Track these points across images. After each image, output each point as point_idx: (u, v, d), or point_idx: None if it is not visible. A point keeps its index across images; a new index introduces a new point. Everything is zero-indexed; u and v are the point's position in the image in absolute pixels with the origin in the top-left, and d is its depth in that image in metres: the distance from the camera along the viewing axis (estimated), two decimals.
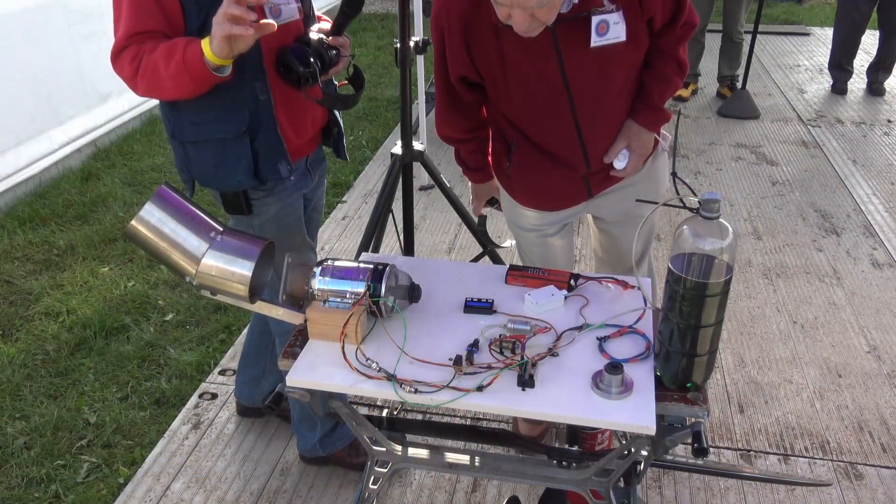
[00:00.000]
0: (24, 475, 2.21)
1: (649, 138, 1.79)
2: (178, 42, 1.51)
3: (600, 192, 1.89)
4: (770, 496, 2.11)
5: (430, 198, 3.90)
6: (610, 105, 1.72)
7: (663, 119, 1.79)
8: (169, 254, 1.42)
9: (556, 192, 1.88)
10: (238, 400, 2.39)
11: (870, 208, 3.79)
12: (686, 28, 1.70)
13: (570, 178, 1.83)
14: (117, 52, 1.56)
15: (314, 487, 2.15)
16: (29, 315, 2.94)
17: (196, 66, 1.49)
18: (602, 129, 1.75)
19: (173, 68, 1.50)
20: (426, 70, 4.29)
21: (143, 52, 1.53)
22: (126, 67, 1.55)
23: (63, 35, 4.11)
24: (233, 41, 1.45)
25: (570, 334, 1.42)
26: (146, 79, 1.54)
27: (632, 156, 1.77)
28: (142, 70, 1.53)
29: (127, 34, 1.54)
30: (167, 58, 1.50)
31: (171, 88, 1.54)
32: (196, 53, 1.48)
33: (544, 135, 1.77)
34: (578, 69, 1.62)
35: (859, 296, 3.05)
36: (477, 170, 1.98)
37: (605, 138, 1.77)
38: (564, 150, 1.77)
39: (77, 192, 3.91)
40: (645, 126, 1.76)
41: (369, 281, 1.41)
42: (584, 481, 1.49)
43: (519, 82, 1.66)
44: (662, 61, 1.73)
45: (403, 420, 1.75)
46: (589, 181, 1.85)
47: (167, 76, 1.51)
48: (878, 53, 5.43)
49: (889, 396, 2.50)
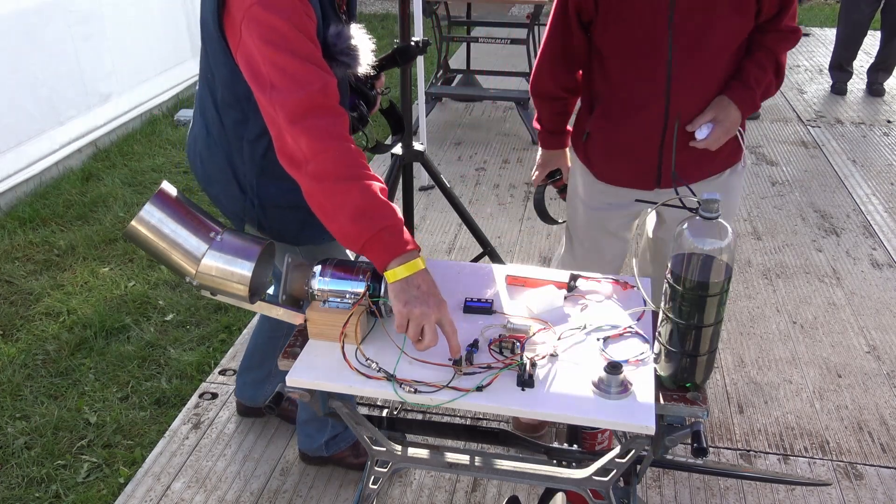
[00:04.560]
0: (25, 475, 2.21)
1: (737, 117, 1.77)
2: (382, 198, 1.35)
3: (669, 185, 1.88)
4: (770, 496, 2.11)
5: (430, 198, 3.91)
6: (704, 64, 1.74)
7: (753, 103, 1.78)
8: (169, 254, 1.42)
9: (630, 159, 1.89)
10: (239, 400, 2.39)
11: (869, 208, 3.79)
12: (790, 33, 1.77)
13: (645, 144, 1.84)
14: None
15: (314, 487, 2.15)
16: (29, 315, 2.94)
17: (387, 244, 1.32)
18: (690, 87, 1.75)
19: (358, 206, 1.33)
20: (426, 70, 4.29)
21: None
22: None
23: (63, 35, 4.11)
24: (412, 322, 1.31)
25: (570, 334, 1.42)
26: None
27: (716, 128, 1.76)
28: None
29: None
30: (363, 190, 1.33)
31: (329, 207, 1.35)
32: (398, 233, 1.33)
33: (633, 81, 1.78)
34: (686, 9, 1.66)
35: (859, 296, 3.05)
36: (554, 133, 2.02)
37: (689, 99, 1.77)
38: (649, 101, 1.78)
39: (77, 193, 3.91)
40: (735, 101, 1.76)
41: (369, 281, 1.41)
42: (584, 481, 1.49)
43: (626, 13, 1.70)
44: (763, 54, 1.77)
45: (403, 420, 1.75)
46: (661, 163, 1.85)
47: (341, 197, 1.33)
48: (879, 54, 5.43)
49: (889, 396, 2.50)
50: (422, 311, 1.29)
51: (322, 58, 1.41)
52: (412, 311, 1.29)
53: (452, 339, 1.32)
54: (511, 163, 4.40)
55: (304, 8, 1.39)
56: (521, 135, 4.77)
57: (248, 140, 1.59)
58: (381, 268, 1.34)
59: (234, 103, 1.55)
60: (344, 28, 1.52)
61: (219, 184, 1.70)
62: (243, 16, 1.35)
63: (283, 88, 1.33)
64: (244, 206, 1.68)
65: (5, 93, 3.74)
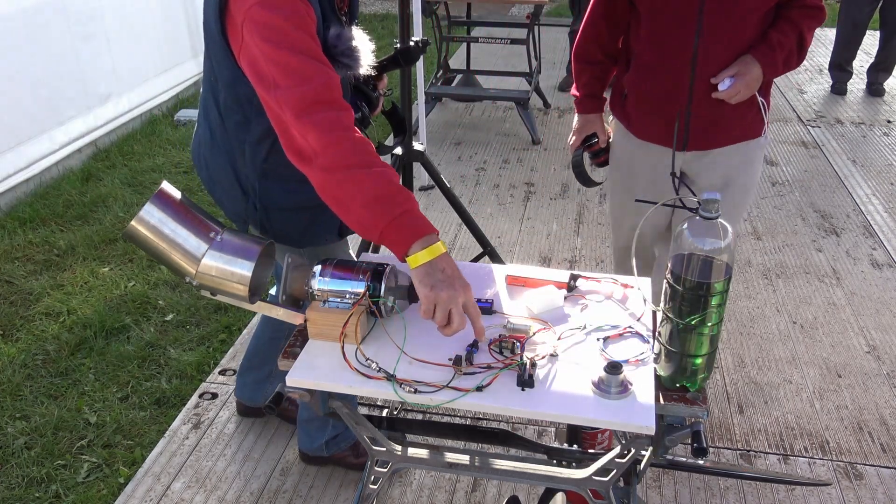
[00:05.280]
0: (25, 475, 2.21)
1: (758, 74, 1.89)
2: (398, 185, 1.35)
3: (695, 148, 2.02)
4: (770, 496, 2.11)
5: (430, 198, 3.91)
6: (732, 26, 1.85)
7: (775, 64, 1.90)
8: (169, 254, 1.42)
9: (659, 113, 2.00)
10: (239, 400, 2.39)
11: (869, 208, 3.79)
12: (815, 10, 1.91)
13: (672, 101, 1.96)
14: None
15: (314, 487, 2.15)
16: (29, 315, 2.94)
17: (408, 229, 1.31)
18: (717, 45, 1.87)
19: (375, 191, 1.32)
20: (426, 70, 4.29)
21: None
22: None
23: (63, 35, 4.11)
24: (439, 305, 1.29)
25: (570, 334, 1.42)
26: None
27: (737, 81, 1.87)
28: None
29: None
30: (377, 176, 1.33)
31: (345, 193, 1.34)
32: (418, 219, 1.32)
33: (665, 39, 1.91)
34: None
35: (859, 296, 3.05)
36: (591, 97, 2.18)
37: (715, 58, 1.88)
38: (678, 57, 1.91)
39: (77, 193, 3.91)
40: (757, 59, 1.88)
41: (369, 281, 1.41)
42: (584, 481, 1.49)
43: None
44: (787, 25, 1.90)
45: (403, 420, 1.75)
46: (689, 123, 1.96)
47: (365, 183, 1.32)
48: (879, 54, 5.43)
49: (889, 396, 2.50)
50: (449, 295, 1.26)
51: (323, 54, 1.41)
52: (439, 295, 1.26)
53: (477, 322, 1.31)
54: (511, 163, 4.40)
55: (305, 8, 1.39)
56: (521, 135, 4.77)
57: (250, 142, 1.59)
58: (402, 253, 1.31)
59: (235, 106, 1.55)
60: (344, 30, 1.52)
61: (222, 186, 1.70)
62: (244, 17, 1.35)
63: (286, 85, 1.32)
64: (246, 208, 1.68)
65: (5, 93, 3.74)
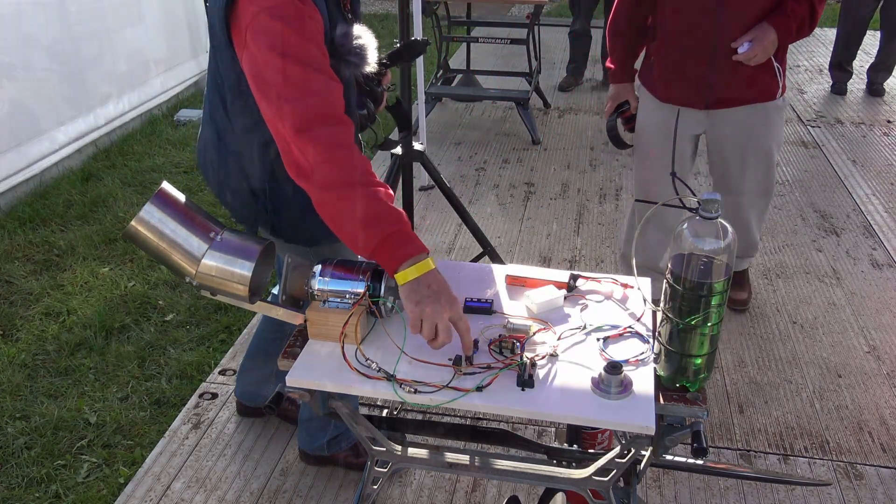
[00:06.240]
0: (25, 475, 2.21)
1: (774, 38, 2.18)
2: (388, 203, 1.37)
3: (717, 107, 2.34)
4: (770, 496, 2.11)
5: (430, 198, 3.91)
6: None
7: (789, 30, 2.19)
8: (169, 254, 1.42)
9: (683, 77, 2.32)
10: (239, 400, 2.39)
11: (869, 208, 3.79)
12: None
13: (696, 64, 2.27)
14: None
15: (314, 487, 2.15)
16: (29, 315, 2.94)
17: (395, 245, 1.34)
18: (736, 14, 2.16)
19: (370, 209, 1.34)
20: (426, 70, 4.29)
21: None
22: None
23: (63, 35, 4.11)
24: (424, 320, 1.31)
25: (570, 334, 1.42)
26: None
27: (755, 44, 2.17)
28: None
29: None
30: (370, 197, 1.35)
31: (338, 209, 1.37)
32: (408, 237, 1.35)
33: (689, 9, 2.20)
34: None
35: (859, 296, 3.05)
36: (623, 66, 2.48)
37: (735, 26, 2.18)
38: (700, 26, 2.21)
39: (77, 193, 3.91)
40: (772, 25, 2.17)
41: (369, 281, 1.41)
42: (584, 481, 1.49)
43: None
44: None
45: (403, 420, 1.75)
46: (712, 84, 2.28)
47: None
48: (879, 54, 5.43)
49: (889, 396, 2.50)
50: (433, 309, 1.29)
51: (328, 65, 1.41)
52: (424, 309, 1.29)
53: (465, 337, 1.32)
54: (511, 163, 4.40)
55: (311, 13, 1.38)
56: (521, 135, 4.77)
57: (258, 144, 1.58)
58: (392, 270, 1.34)
59: (243, 108, 1.54)
60: (350, 28, 1.52)
61: (230, 189, 1.68)
62: (249, 23, 1.35)
63: (288, 98, 1.33)
64: (257, 210, 1.68)
65: (5, 93, 3.74)
